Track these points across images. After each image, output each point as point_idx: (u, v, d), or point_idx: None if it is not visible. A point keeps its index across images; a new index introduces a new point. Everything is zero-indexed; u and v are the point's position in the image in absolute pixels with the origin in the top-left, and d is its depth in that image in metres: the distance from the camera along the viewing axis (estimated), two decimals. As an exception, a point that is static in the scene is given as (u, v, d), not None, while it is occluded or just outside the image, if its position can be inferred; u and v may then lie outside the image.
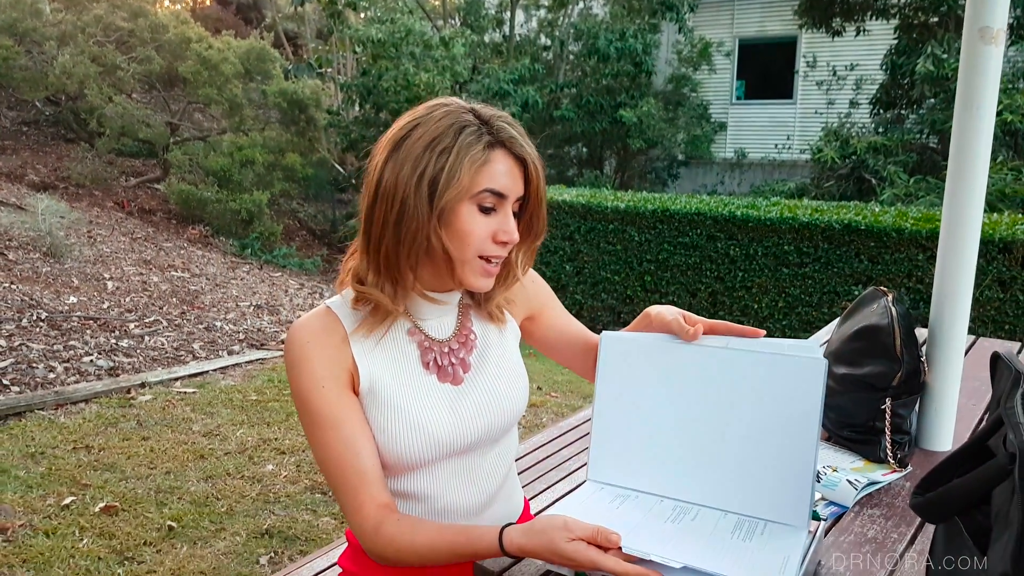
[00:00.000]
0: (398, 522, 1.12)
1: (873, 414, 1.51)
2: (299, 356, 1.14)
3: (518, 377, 1.31)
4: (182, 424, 3.72)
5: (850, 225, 5.45)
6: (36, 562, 2.50)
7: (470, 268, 1.14)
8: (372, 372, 1.17)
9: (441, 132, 1.09)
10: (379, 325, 1.18)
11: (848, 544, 1.24)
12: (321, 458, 1.15)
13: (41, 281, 5.46)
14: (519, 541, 1.04)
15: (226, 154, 8.85)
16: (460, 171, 1.08)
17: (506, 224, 1.13)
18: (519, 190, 1.15)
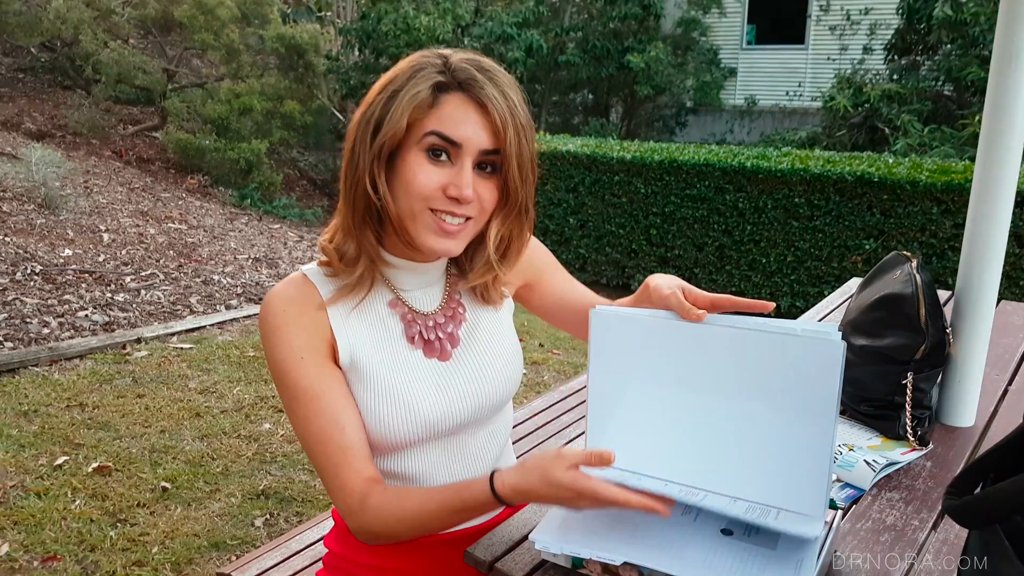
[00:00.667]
0: (383, 492, 1.03)
1: (893, 388, 1.42)
2: (274, 325, 1.05)
3: (512, 353, 1.21)
4: (178, 381, 3.66)
5: (863, 177, 5.31)
6: (27, 524, 2.45)
7: (421, 223, 1.02)
8: (352, 345, 1.07)
9: (397, 74, 1.00)
10: (352, 292, 1.08)
11: (866, 532, 1.16)
12: (302, 433, 1.06)
13: (36, 233, 5.37)
14: (511, 480, 0.96)
15: (224, 101, 8.66)
16: (399, 110, 0.97)
17: (459, 177, 1.00)
18: (482, 141, 1.00)
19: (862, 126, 9.83)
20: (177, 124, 8.89)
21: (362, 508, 1.02)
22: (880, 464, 1.29)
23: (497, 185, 1.05)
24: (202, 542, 2.45)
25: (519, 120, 1.01)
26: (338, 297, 1.07)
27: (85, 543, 2.38)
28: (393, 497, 1.03)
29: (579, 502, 0.93)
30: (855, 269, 5.41)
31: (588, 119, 12.61)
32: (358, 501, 1.03)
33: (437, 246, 1.03)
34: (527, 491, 0.95)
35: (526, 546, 1.12)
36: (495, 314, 1.22)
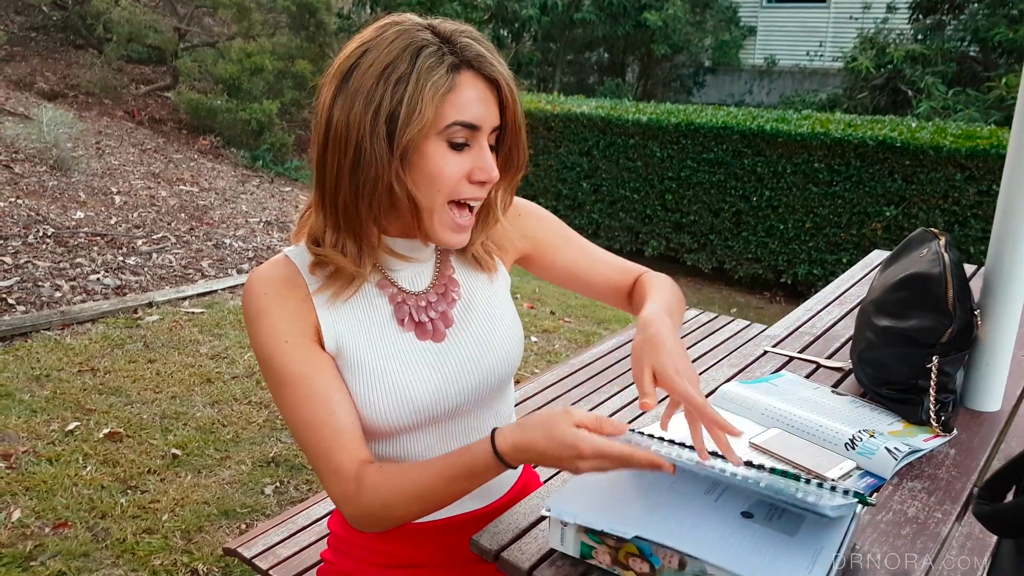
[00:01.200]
0: (379, 470, 0.99)
1: (916, 372, 1.37)
2: (257, 309, 1.01)
3: (509, 328, 1.16)
4: (189, 346, 3.65)
5: (884, 142, 5.18)
6: (39, 490, 2.46)
7: (438, 219, 0.98)
8: (338, 332, 1.03)
9: (395, 57, 0.92)
10: (344, 290, 1.03)
11: (886, 524, 1.12)
12: (291, 419, 1.02)
13: (48, 195, 5.35)
14: (513, 436, 0.92)
15: (235, 61, 8.56)
16: (422, 100, 0.91)
17: (483, 160, 0.97)
18: (494, 118, 0.98)
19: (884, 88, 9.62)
20: (189, 84, 8.81)
21: (358, 491, 0.99)
22: (902, 452, 1.25)
23: (498, 155, 1.02)
24: (212, 510, 2.45)
25: (515, 88, 0.99)
26: (325, 291, 1.03)
27: (96, 510, 2.39)
28: (391, 474, 0.99)
29: (580, 462, 0.88)
30: (875, 236, 5.32)
31: (603, 79, 12.41)
32: (354, 484, 0.99)
33: (452, 240, 1.01)
34: (528, 446, 0.91)
35: (533, 534, 1.09)
36: (490, 286, 1.17)
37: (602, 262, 1.29)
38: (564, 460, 0.89)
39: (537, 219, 1.25)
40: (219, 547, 2.27)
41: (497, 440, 0.93)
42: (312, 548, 1.56)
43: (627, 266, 1.30)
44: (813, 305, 1.97)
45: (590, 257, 1.28)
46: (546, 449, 0.89)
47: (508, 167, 1.05)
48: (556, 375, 2.39)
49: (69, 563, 2.15)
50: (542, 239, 1.25)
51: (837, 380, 1.58)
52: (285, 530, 1.62)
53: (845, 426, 1.32)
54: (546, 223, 1.26)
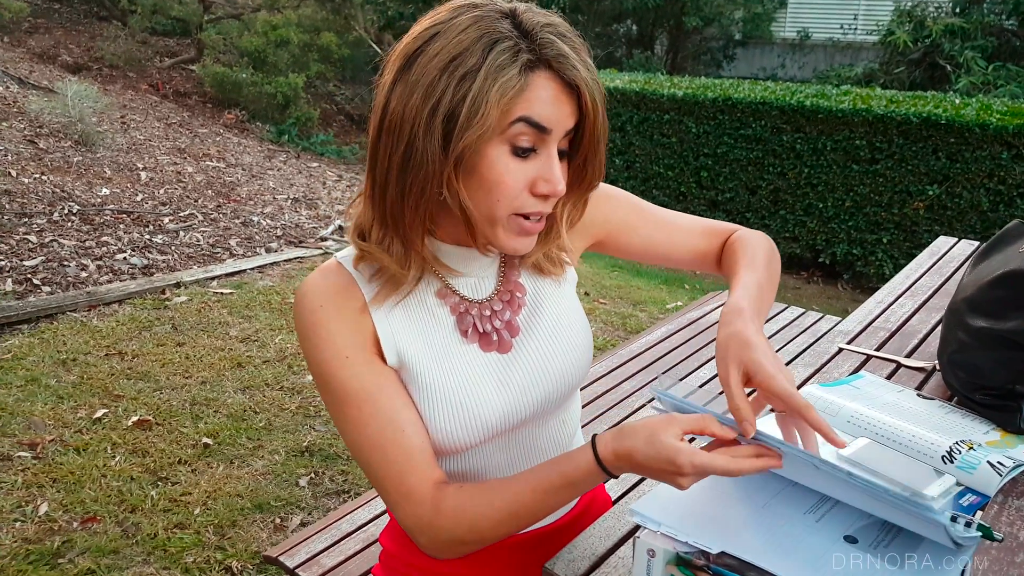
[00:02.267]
0: (459, 491, 0.90)
1: (1015, 376, 1.25)
2: (312, 323, 0.90)
3: (578, 333, 1.05)
4: (218, 328, 3.58)
5: (928, 119, 4.99)
6: (66, 482, 2.40)
7: (502, 227, 0.87)
8: (399, 344, 0.92)
9: (465, 48, 0.79)
10: (393, 292, 0.92)
11: (998, 550, 1.01)
12: (354, 440, 0.92)
13: (73, 171, 5.29)
14: (613, 443, 0.84)
15: (260, 34, 8.45)
16: (487, 102, 0.78)
17: (549, 170, 0.85)
18: (567, 122, 0.85)
19: (921, 62, 9.34)
20: (213, 57, 8.71)
21: (437, 515, 0.89)
22: (1007, 467, 1.13)
23: (570, 165, 0.90)
24: (245, 503, 2.38)
25: (600, 95, 0.85)
26: (383, 297, 0.92)
27: (125, 503, 2.32)
28: (475, 493, 0.90)
29: (680, 479, 0.80)
30: (916, 216, 5.14)
31: (632, 52, 12.17)
32: (430, 511, 0.90)
33: (519, 247, 0.89)
34: (628, 453, 0.82)
35: (612, 563, 0.99)
36: (558, 288, 1.06)
37: (683, 230, 1.16)
38: (663, 475, 0.81)
39: (606, 201, 1.13)
40: (252, 543, 2.20)
41: (599, 446, 0.85)
42: (359, 558, 1.48)
43: (713, 228, 1.17)
44: (884, 297, 1.85)
45: (667, 228, 1.16)
46: (645, 459, 0.81)
47: (579, 181, 0.93)
48: (606, 366, 2.28)
49: (99, 560, 2.09)
50: (614, 222, 1.13)
51: (920, 381, 1.46)
52: (329, 537, 1.54)
53: (940, 436, 1.20)
54: (615, 202, 1.14)
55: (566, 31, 0.84)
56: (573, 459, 0.87)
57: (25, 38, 9.04)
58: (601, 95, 0.85)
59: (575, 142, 0.89)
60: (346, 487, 2.49)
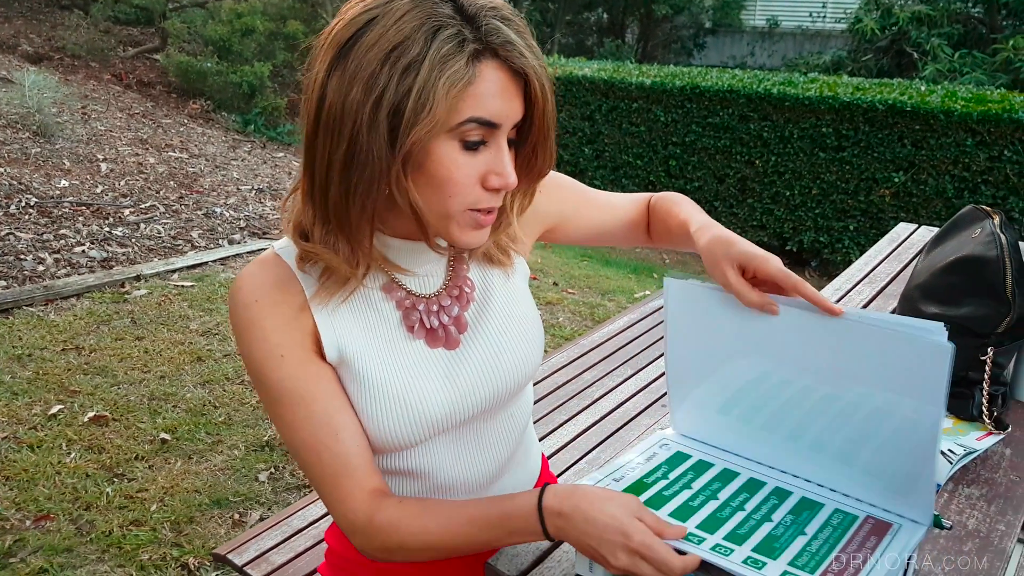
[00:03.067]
0: (397, 507, 0.88)
1: (968, 364, 1.25)
2: (247, 319, 0.87)
3: (528, 326, 1.03)
4: (179, 322, 3.52)
5: (894, 106, 5.03)
6: (19, 480, 2.34)
7: (456, 223, 0.84)
8: (340, 340, 0.89)
9: (407, 36, 0.74)
10: (339, 289, 0.89)
11: (946, 539, 1.01)
12: (289, 440, 0.89)
13: (30, 163, 5.17)
14: (563, 494, 0.83)
15: (225, 22, 8.31)
16: (434, 97, 0.74)
17: (499, 163, 0.82)
18: (516, 113, 0.81)
19: (889, 50, 9.42)
20: (178, 46, 8.55)
21: (369, 525, 0.88)
22: (957, 455, 1.14)
23: (519, 154, 0.87)
24: (203, 498, 2.33)
25: (547, 83, 0.82)
26: (325, 295, 0.88)
27: (80, 500, 2.27)
28: (411, 513, 0.88)
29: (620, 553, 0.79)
30: (883, 203, 5.19)
31: (603, 40, 12.16)
32: (363, 518, 0.88)
33: (473, 240, 0.86)
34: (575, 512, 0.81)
35: (556, 557, 0.97)
36: (507, 282, 1.03)
37: (617, 207, 1.17)
38: (604, 544, 0.79)
39: (556, 190, 1.11)
40: (210, 539, 2.15)
41: (546, 493, 0.83)
42: (308, 555, 1.45)
43: (636, 198, 1.19)
44: (842, 284, 1.85)
45: (608, 209, 1.16)
46: (593, 520, 0.80)
47: (529, 170, 0.89)
48: (566, 356, 2.26)
49: (51, 559, 2.04)
50: (564, 211, 1.12)
51: (875, 370, 1.46)
52: (279, 533, 1.51)
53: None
54: (565, 191, 1.12)
55: (510, 14, 0.80)
56: (515, 500, 0.85)
57: (-17, 27, 8.82)
58: (549, 82, 0.82)
59: (523, 131, 0.86)
60: (306, 482, 2.46)
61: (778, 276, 0.87)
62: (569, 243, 1.17)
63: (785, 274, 0.86)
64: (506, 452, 1.07)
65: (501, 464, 1.06)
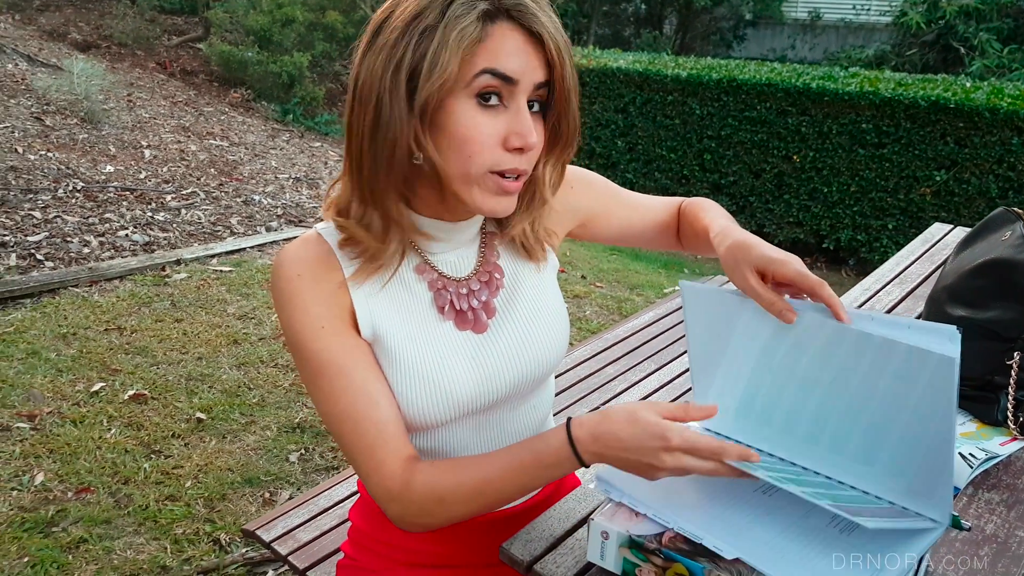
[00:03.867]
0: (430, 467, 0.90)
1: (993, 367, 1.24)
2: (289, 293, 0.91)
3: (555, 319, 1.06)
4: (216, 305, 3.60)
5: (937, 102, 4.94)
6: (62, 453, 2.43)
7: (479, 187, 0.86)
8: (374, 318, 0.93)
9: (424, 7, 0.80)
10: (377, 270, 0.93)
11: (962, 543, 1.01)
12: (328, 411, 0.92)
13: (78, 149, 5.30)
14: (590, 424, 0.84)
15: (266, 12, 8.41)
16: (446, 51, 0.78)
17: (519, 123, 0.84)
18: (537, 75, 0.84)
19: (935, 44, 9.24)
20: (220, 35, 8.68)
21: (407, 489, 0.90)
22: (978, 459, 1.13)
23: (544, 123, 0.89)
24: (235, 477, 2.40)
25: (564, 45, 0.85)
26: (362, 276, 0.92)
27: (119, 474, 2.35)
28: (446, 469, 0.90)
29: (665, 456, 0.79)
30: (923, 202, 5.11)
31: (640, 31, 12.08)
32: (400, 483, 0.90)
33: (498, 207, 0.88)
34: (609, 434, 0.82)
35: (569, 544, 0.99)
36: (537, 275, 1.06)
37: (649, 208, 1.20)
38: (646, 453, 0.80)
39: (587, 187, 1.14)
40: (241, 516, 2.22)
41: (573, 428, 0.84)
42: (333, 533, 1.49)
43: (668, 202, 1.22)
44: (871, 284, 1.84)
45: (639, 209, 1.19)
46: (629, 438, 0.81)
47: (555, 140, 0.91)
48: (590, 350, 2.28)
49: (91, 529, 2.12)
50: (594, 208, 1.15)
51: (899, 370, 1.45)
52: (306, 512, 1.55)
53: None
54: (596, 189, 1.15)
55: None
56: (546, 439, 0.87)
57: (36, 16, 9.03)
58: (567, 46, 0.85)
59: (547, 101, 0.88)
60: (335, 463, 2.52)
61: (796, 279, 0.87)
62: (597, 241, 1.19)
63: (803, 276, 0.87)
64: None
65: (521, 450, 1.09)
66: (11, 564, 1.97)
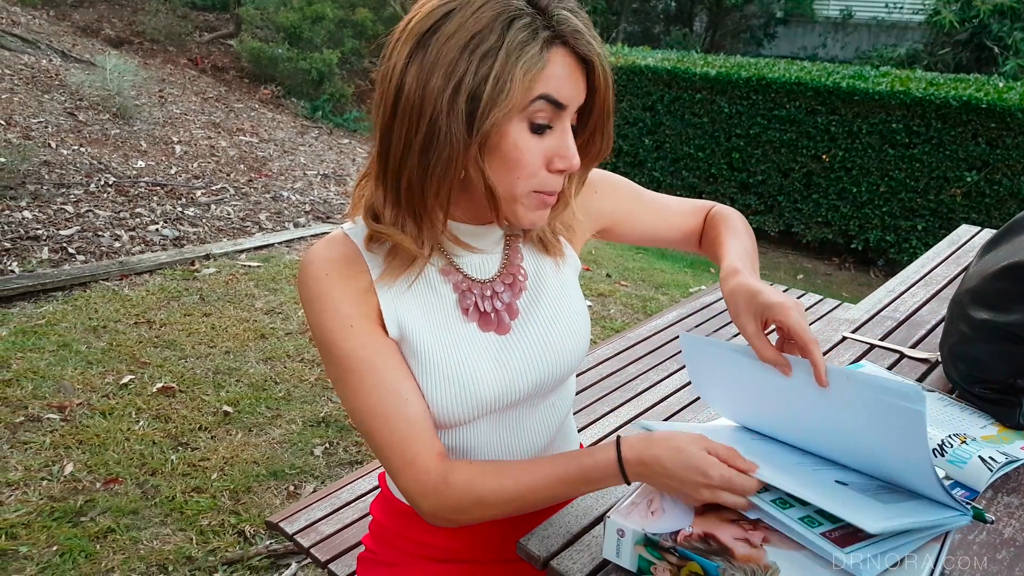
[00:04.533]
0: (470, 465, 0.93)
1: (1015, 370, 1.23)
2: (318, 292, 0.92)
3: (576, 320, 1.07)
4: (244, 300, 3.65)
5: (969, 102, 4.87)
6: (91, 444, 2.48)
7: (523, 204, 0.88)
8: (401, 317, 0.94)
9: (484, 26, 0.80)
10: (404, 271, 0.95)
11: (979, 546, 1.00)
12: (358, 408, 0.93)
13: (110, 144, 5.39)
14: (638, 447, 0.87)
15: (296, 9, 8.50)
16: (511, 81, 0.79)
17: (564, 147, 0.86)
18: (581, 97, 0.86)
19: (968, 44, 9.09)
20: (251, 32, 8.78)
21: (444, 484, 0.92)
22: (998, 462, 1.13)
23: (580, 139, 0.91)
24: (261, 470, 2.44)
25: (608, 69, 0.87)
26: (387, 276, 0.94)
27: (147, 466, 2.40)
28: (487, 471, 0.93)
29: (704, 491, 0.84)
30: (953, 203, 5.04)
31: (670, 28, 12.02)
32: (436, 478, 0.92)
33: (538, 220, 0.92)
34: (654, 461, 0.86)
35: (586, 541, 1.00)
36: (558, 273, 1.07)
37: (674, 212, 1.21)
38: (687, 484, 0.85)
39: (612, 190, 1.15)
40: (266, 509, 2.25)
41: (623, 448, 0.88)
42: (355, 527, 1.52)
43: (696, 206, 1.23)
44: (896, 286, 1.82)
45: (663, 212, 1.20)
46: (672, 467, 0.85)
47: (587, 154, 0.94)
48: (613, 348, 2.28)
49: (118, 520, 2.16)
50: (619, 212, 1.16)
51: (923, 373, 1.45)
52: (329, 505, 1.58)
53: (933, 429, 1.20)
54: (620, 192, 1.16)
55: (575, 6, 0.86)
56: (594, 455, 0.89)
57: (70, 12, 9.18)
58: (609, 70, 0.88)
59: (583, 117, 0.91)
60: (359, 458, 2.54)
61: (794, 329, 0.88)
62: (623, 242, 1.21)
63: (800, 329, 0.88)
64: (545, 439, 1.11)
65: (539, 450, 1.11)
66: (41, 553, 2.02)
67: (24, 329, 3.12)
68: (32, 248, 3.77)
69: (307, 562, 2.02)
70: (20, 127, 5.16)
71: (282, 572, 2.05)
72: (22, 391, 2.70)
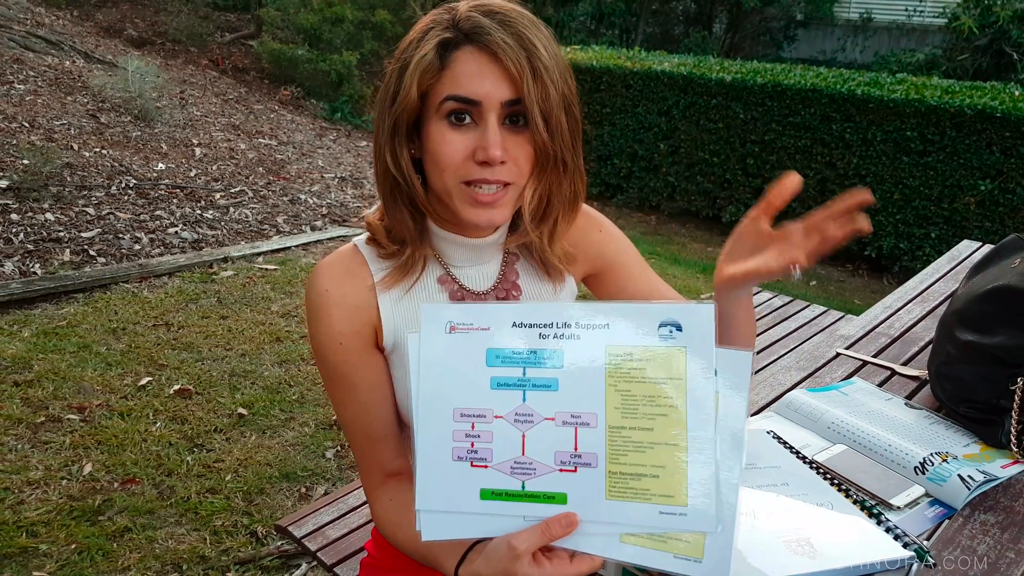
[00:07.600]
0: (393, 498, 1.05)
1: (999, 392, 1.27)
2: (317, 305, 1.00)
3: None
4: (261, 303, 3.72)
5: (984, 111, 4.85)
6: (110, 444, 2.55)
7: (458, 198, 0.93)
8: (397, 328, 1.02)
9: (410, 40, 0.92)
10: (404, 275, 1.02)
11: (951, 561, 1.05)
12: (337, 413, 1.07)
13: (131, 146, 5.50)
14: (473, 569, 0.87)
15: (316, 11, 8.59)
16: (406, 81, 0.90)
17: (484, 137, 0.89)
18: (501, 93, 0.88)
19: (988, 50, 9.04)
20: (271, 33, 8.89)
21: (375, 498, 1.06)
22: (976, 481, 1.17)
23: (530, 139, 0.92)
24: (274, 472, 2.50)
25: (540, 62, 0.88)
26: (390, 281, 1.02)
27: (163, 467, 2.47)
28: (390, 520, 1.04)
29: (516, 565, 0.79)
30: (967, 212, 5.03)
31: (689, 30, 12.01)
32: (373, 489, 1.07)
33: (478, 219, 0.94)
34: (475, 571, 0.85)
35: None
36: (553, 297, 1.13)
37: (665, 292, 1.20)
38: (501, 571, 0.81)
39: (617, 241, 1.18)
40: (278, 510, 2.32)
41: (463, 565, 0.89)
42: (361, 531, 1.57)
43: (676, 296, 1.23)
44: (893, 302, 1.86)
45: (655, 290, 1.19)
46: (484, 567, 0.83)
47: (541, 160, 0.93)
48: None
49: (135, 519, 2.23)
50: (618, 263, 1.18)
51: (912, 391, 1.49)
52: (336, 510, 1.63)
53: (917, 447, 1.24)
54: (624, 247, 1.19)
55: (500, 8, 0.90)
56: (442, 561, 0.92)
57: (93, 12, 9.33)
58: (537, 63, 0.88)
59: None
60: (369, 462, 2.60)
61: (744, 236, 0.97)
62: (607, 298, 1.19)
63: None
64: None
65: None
66: (59, 550, 2.10)
67: (46, 330, 3.20)
68: (54, 250, 3.86)
69: (316, 564, 2.08)
70: (43, 129, 5.27)
71: (292, 572, 2.11)
72: (43, 392, 2.78)
